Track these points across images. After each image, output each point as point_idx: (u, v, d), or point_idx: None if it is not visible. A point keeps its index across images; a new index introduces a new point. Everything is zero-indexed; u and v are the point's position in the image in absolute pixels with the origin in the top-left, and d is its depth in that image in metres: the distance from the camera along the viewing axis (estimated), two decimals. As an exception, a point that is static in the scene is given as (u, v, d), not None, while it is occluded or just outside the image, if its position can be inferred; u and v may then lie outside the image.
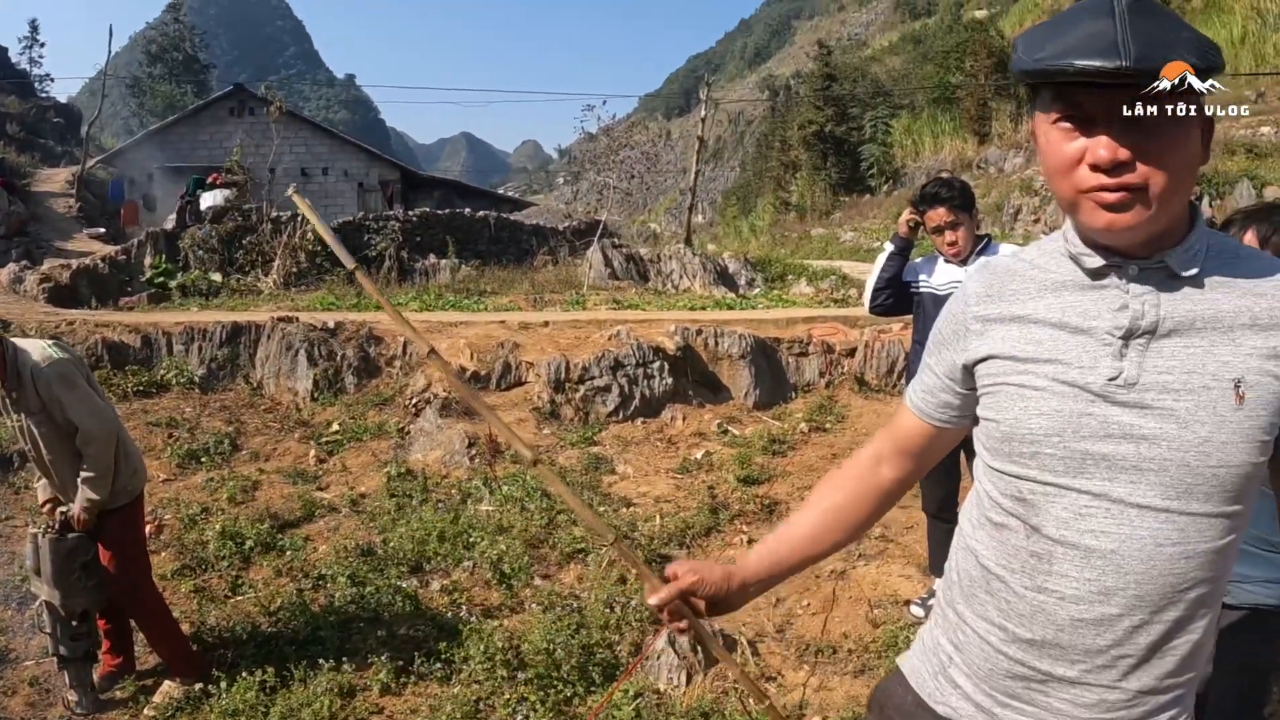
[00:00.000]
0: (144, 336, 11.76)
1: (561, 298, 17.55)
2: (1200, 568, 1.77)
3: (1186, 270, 1.78)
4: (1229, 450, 1.72)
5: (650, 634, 5.74)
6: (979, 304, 2.01)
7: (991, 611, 1.94)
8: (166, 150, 37.90)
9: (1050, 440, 1.82)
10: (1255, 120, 32.28)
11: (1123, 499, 1.77)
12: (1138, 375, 1.76)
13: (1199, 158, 1.75)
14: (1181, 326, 1.77)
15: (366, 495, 8.48)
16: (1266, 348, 1.74)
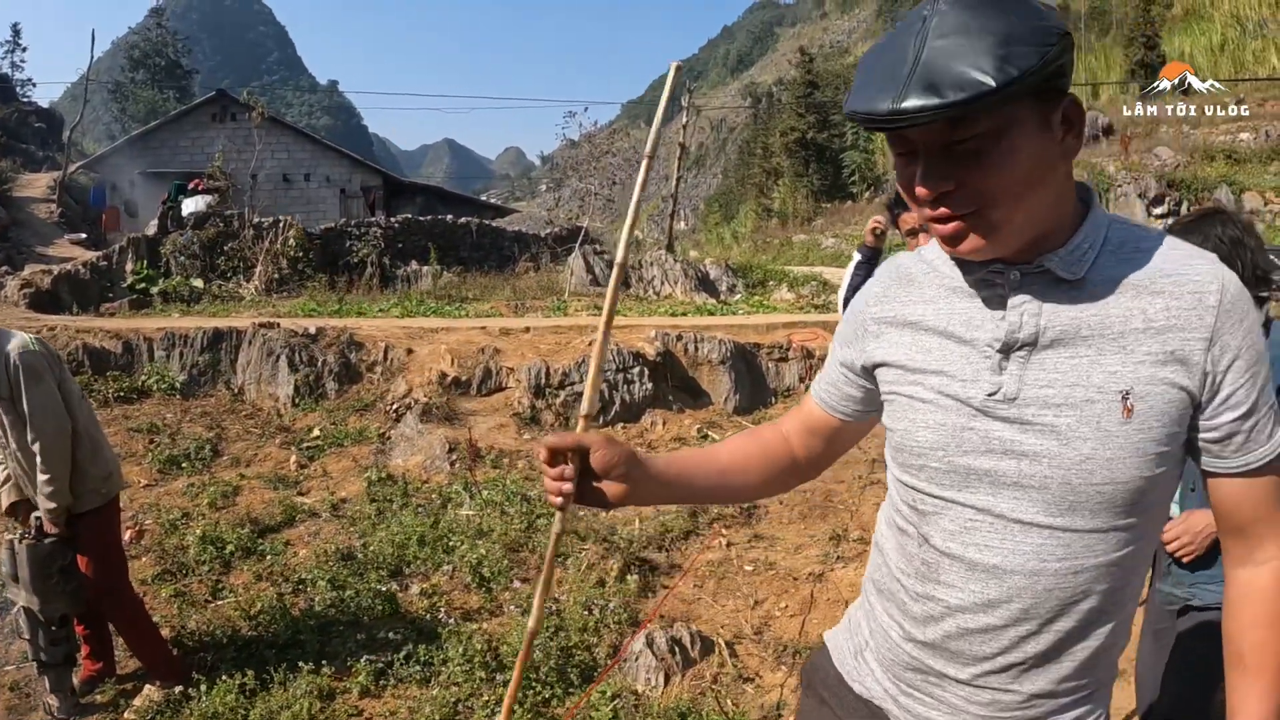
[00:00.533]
0: (125, 342, 11.76)
1: (543, 304, 17.62)
2: (1093, 581, 1.72)
3: (1071, 273, 1.69)
4: (1115, 467, 1.65)
5: (628, 635, 5.77)
6: (877, 305, 1.97)
7: (894, 609, 1.93)
8: (148, 156, 37.86)
9: (935, 454, 1.79)
10: (1234, 126, 32.55)
11: (1005, 515, 1.72)
12: (1018, 390, 1.70)
13: (1052, 157, 1.62)
14: (1065, 336, 1.69)
15: (347, 500, 8.49)
16: (1161, 353, 1.65)
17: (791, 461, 2.20)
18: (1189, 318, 1.64)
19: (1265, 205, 26.18)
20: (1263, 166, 29.10)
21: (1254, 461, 1.71)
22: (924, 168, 1.61)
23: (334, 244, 22.46)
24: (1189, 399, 1.66)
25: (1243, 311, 1.66)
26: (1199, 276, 1.66)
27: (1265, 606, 1.74)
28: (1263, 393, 1.68)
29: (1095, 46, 53.26)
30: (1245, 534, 1.77)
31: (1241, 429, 1.68)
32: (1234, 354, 1.65)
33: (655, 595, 6.61)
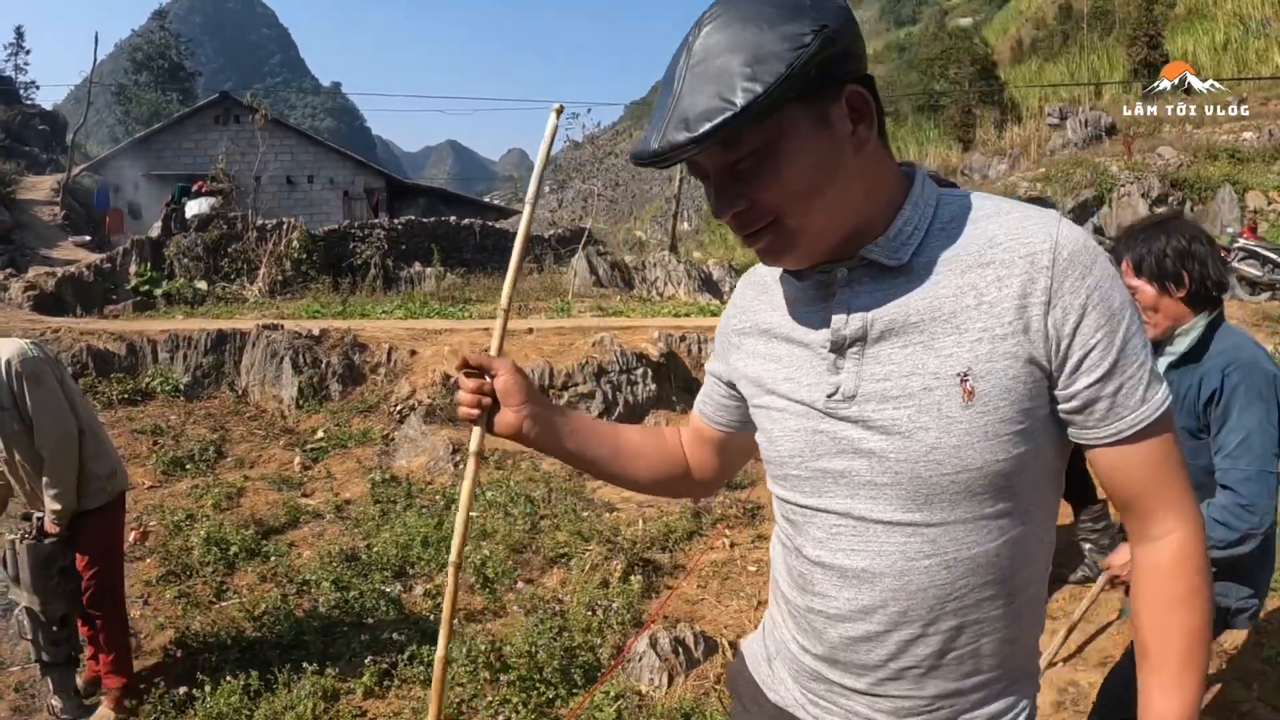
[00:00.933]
0: (129, 344, 11.79)
1: (546, 305, 17.61)
2: (970, 573, 1.63)
3: (895, 259, 1.61)
4: (965, 454, 1.56)
5: (631, 636, 5.77)
6: (736, 317, 1.95)
7: (789, 622, 1.88)
8: (151, 158, 37.90)
9: (794, 461, 1.74)
10: (1238, 126, 32.50)
11: (865, 516, 1.65)
12: (855, 387, 1.63)
13: (840, 152, 1.55)
14: (896, 325, 1.61)
15: (351, 501, 8.50)
16: (997, 326, 1.55)
17: (684, 468, 2.21)
18: (1022, 284, 1.54)
19: (1269, 204, 26.09)
20: (1266, 166, 28.98)
21: (1124, 429, 1.59)
22: (715, 192, 1.60)
23: (337, 246, 22.48)
24: (1037, 370, 1.56)
25: (1084, 265, 1.54)
26: (1030, 238, 1.56)
27: (1163, 586, 1.64)
28: (1124, 352, 1.56)
29: (1098, 46, 53.16)
30: (1134, 509, 1.67)
31: (1102, 394, 1.57)
32: (1078, 313, 1.53)
33: (659, 596, 6.60)
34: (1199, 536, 1.64)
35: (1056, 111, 40.15)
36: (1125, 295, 1.58)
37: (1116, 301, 1.56)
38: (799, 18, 1.47)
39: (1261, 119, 32.65)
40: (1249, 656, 5.58)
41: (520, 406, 1.98)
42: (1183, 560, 1.62)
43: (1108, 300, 1.54)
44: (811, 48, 1.45)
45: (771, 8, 1.48)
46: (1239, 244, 18.45)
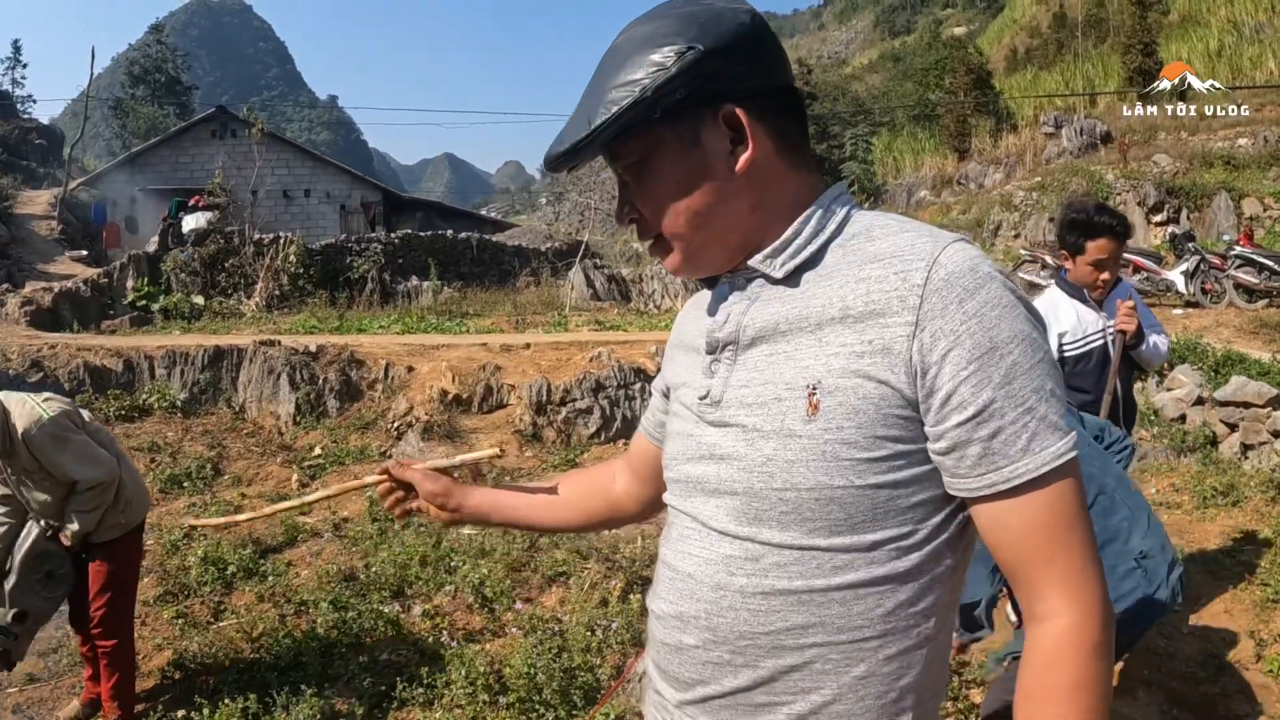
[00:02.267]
0: (126, 360, 11.78)
1: (544, 319, 17.60)
2: (793, 610, 1.49)
3: (780, 271, 1.57)
4: (796, 471, 1.46)
5: (631, 656, 5.75)
6: (674, 331, 1.96)
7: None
8: (149, 172, 37.87)
9: (672, 465, 1.74)
10: (1232, 132, 32.53)
11: (707, 522, 1.59)
12: (721, 392, 1.60)
13: (706, 173, 1.55)
14: (766, 333, 1.56)
15: (349, 520, 8.48)
16: (858, 343, 1.46)
17: (610, 501, 2.24)
18: (889, 300, 1.44)
19: (1265, 210, 26.08)
20: (1261, 172, 28.97)
21: (1000, 482, 1.41)
22: (618, 200, 1.65)
23: (334, 260, 22.46)
24: (898, 397, 1.42)
25: (965, 289, 1.41)
26: (911, 254, 1.46)
27: (1040, 676, 1.43)
28: (1005, 391, 1.39)
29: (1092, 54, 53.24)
30: (1018, 581, 1.47)
31: (974, 437, 1.40)
32: (949, 340, 1.39)
33: (658, 614, 6.58)
34: (1091, 622, 1.42)
35: (1052, 120, 40.13)
36: (1020, 329, 1.42)
37: (1003, 334, 1.40)
38: (674, 41, 1.50)
39: (1256, 125, 32.66)
40: (1250, 672, 5.57)
41: (442, 510, 2.21)
42: (1064, 651, 1.41)
43: (990, 330, 1.40)
44: (670, 71, 1.48)
45: (657, 30, 1.53)
46: (1235, 251, 18.46)
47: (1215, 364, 11.33)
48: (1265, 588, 6.34)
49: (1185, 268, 18.50)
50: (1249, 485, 8.23)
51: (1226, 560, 6.94)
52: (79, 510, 4.89)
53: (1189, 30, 48.37)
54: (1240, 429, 9.96)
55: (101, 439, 5.11)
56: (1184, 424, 10.34)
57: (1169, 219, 27.05)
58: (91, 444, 4.95)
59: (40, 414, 4.80)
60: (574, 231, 29.07)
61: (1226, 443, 10.02)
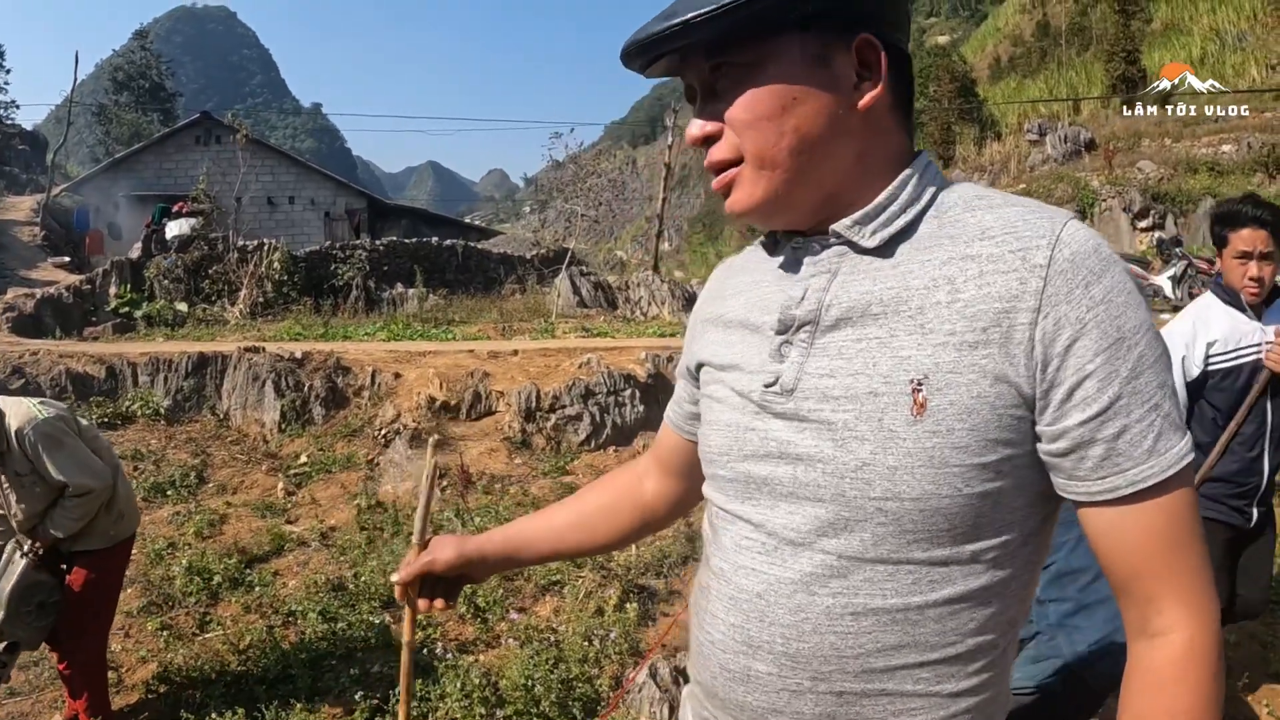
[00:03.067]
0: (109, 367, 11.63)
1: (530, 326, 17.54)
2: (884, 629, 1.35)
3: (871, 240, 1.39)
4: (900, 479, 1.30)
5: (629, 665, 5.66)
6: (703, 303, 1.75)
7: (692, 639, 1.64)
8: (132, 178, 37.74)
9: (722, 460, 1.52)
10: (1216, 139, 32.79)
11: (778, 532, 1.41)
12: (796, 379, 1.40)
13: (824, 103, 1.36)
14: (854, 314, 1.37)
15: (336, 528, 8.36)
16: (970, 331, 1.30)
17: (640, 507, 2.01)
18: (1008, 283, 1.28)
19: (1250, 218, 26.27)
20: (1245, 178, 29.22)
21: (1123, 486, 1.28)
22: (696, 108, 1.45)
23: (319, 267, 22.34)
24: (1013, 394, 1.28)
25: (1091, 271, 1.27)
26: (1029, 231, 1.31)
27: (1156, 697, 1.29)
28: (1132, 386, 1.26)
29: (1076, 62, 53.63)
30: (1132, 592, 1.33)
31: (1098, 436, 1.27)
32: (1074, 328, 1.25)
33: (655, 623, 6.49)
34: (1211, 637, 1.29)
35: (1036, 127, 40.34)
36: (1144, 319, 1.29)
37: (1130, 322, 1.27)
38: None
39: (1240, 131, 32.89)
40: (1258, 674, 5.56)
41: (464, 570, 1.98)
42: (1187, 667, 1.28)
43: (1117, 319, 1.27)
44: None
45: None
46: (1223, 257, 18.53)
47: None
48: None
49: (1172, 272, 18.64)
50: None
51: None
52: (64, 515, 4.77)
53: (1172, 38, 48.81)
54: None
55: (97, 447, 4.99)
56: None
57: (1154, 225, 27.20)
58: (85, 450, 4.84)
59: (35, 414, 4.70)
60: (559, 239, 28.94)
61: (1222, 445, 9.93)
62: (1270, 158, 29.59)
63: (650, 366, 11.74)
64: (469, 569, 1.95)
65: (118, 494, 5.03)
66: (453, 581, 1.99)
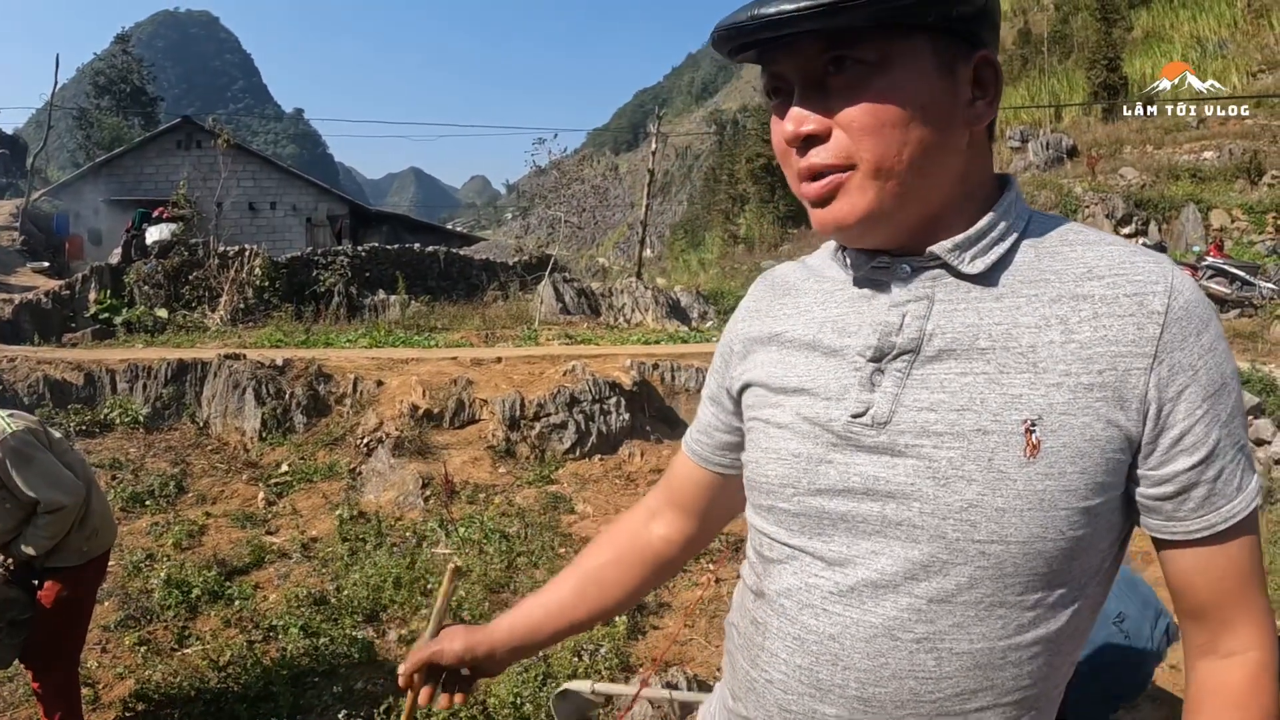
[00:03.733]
0: (87, 374, 11.49)
1: (513, 333, 17.47)
2: (967, 673, 1.31)
3: (972, 266, 1.34)
4: (1008, 521, 1.25)
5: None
6: (746, 321, 1.63)
7: (728, 675, 1.58)
8: (113, 183, 37.52)
9: (784, 492, 1.42)
10: (1198, 145, 33.03)
11: (858, 573, 1.34)
12: (891, 412, 1.33)
13: (945, 113, 1.30)
14: (959, 345, 1.32)
15: (318, 539, 8.25)
16: (1085, 374, 1.27)
17: (650, 557, 1.87)
18: (1125, 328, 1.27)
19: (1233, 222, 26.46)
20: (1227, 184, 29.46)
21: (1219, 523, 1.30)
22: (796, 101, 1.31)
23: (300, 273, 22.22)
24: (1121, 438, 1.27)
25: (1201, 319, 1.28)
26: (1141, 276, 1.29)
27: (1231, 712, 1.32)
28: (1228, 430, 1.28)
29: (1057, 70, 53.81)
30: (1207, 617, 1.35)
31: (1201, 479, 1.28)
32: (1188, 376, 1.26)
33: (644, 636, 6.41)
34: (1276, 654, 1.34)
35: (1018, 134, 40.49)
36: (1234, 365, 1.32)
37: (1228, 370, 1.30)
38: None
39: (1222, 138, 33.09)
40: None
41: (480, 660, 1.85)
42: (1259, 683, 1.32)
43: (1220, 366, 1.29)
44: None
45: None
46: (1206, 262, 18.72)
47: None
48: None
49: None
50: None
51: None
52: (36, 533, 4.63)
53: (1153, 46, 49.05)
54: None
55: (70, 461, 4.84)
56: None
57: (1138, 231, 27.31)
58: (57, 465, 4.69)
59: (4, 428, 4.56)
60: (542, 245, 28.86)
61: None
62: (1251, 164, 29.77)
63: (636, 374, 11.67)
64: (478, 664, 1.84)
65: (91, 510, 4.89)
66: (464, 677, 1.87)
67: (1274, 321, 15.59)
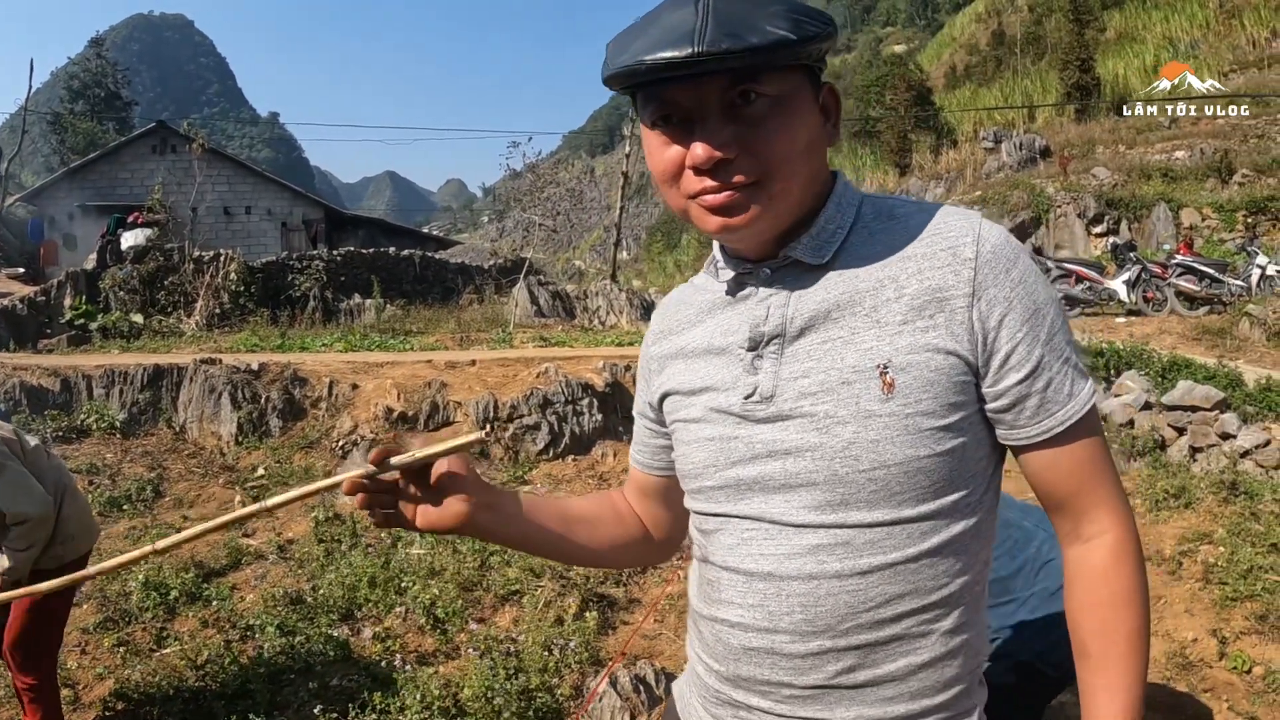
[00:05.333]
0: (63, 380, 11.53)
1: (488, 336, 17.50)
2: (889, 582, 1.53)
3: (817, 258, 1.59)
4: (883, 449, 1.49)
5: (589, 674, 5.67)
6: (656, 343, 1.88)
7: (696, 641, 1.78)
8: (87, 188, 37.35)
9: (708, 472, 1.66)
10: (1169, 145, 33.16)
11: (779, 519, 1.56)
12: (774, 387, 1.58)
13: (820, 135, 1.57)
14: (816, 321, 1.57)
15: (294, 541, 8.33)
16: (919, 318, 1.52)
17: (640, 530, 2.04)
18: (944, 276, 1.52)
19: (1203, 220, 26.59)
20: (1199, 184, 29.57)
21: (1055, 426, 1.55)
22: (705, 130, 1.48)
23: (276, 277, 22.24)
24: (963, 365, 1.51)
25: (1008, 259, 1.53)
26: (953, 232, 1.56)
27: (1101, 587, 1.58)
28: (1050, 346, 1.53)
29: (1030, 71, 54.02)
30: (1066, 509, 1.61)
31: (1031, 391, 1.53)
32: (1004, 306, 1.51)
33: (615, 631, 6.51)
34: (1133, 534, 1.61)
35: (991, 135, 40.58)
36: (1051, 293, 1.57)
37: (1041, 297, 1.54)
38: (817, 12, 1.50)
39: (1193, 138, 33.26)
40: (1215, 669, 5.66)
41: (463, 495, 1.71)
42: (1119, 559, 1.58)
43: (1032, 295, 1.53)
44: (830, 30, 1.50)
45: None
46: (1176, 260, 18.85)
47: (1161, 369, 11.56)
48: (1224, 586, 6.54)
49: (1127, 277, 18.84)
50: (1200, 487, 8.45)
51: (1184, 561, 7.08)
52: (10, 547, 4.68)
53: (1125, 46, 49.26)
54: (1188, 432, 10.22)
55: (40, 469, 4.84)
56: (1132, 429, 10.48)
57: (1109, 230, 27.44)
58: (27, 476, 4.70)
59: None
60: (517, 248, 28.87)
61: (1175, 446, 10.24)
62: (1222, 163, 29.94)
63: (608, 375, 11.77)
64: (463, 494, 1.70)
65: (64, 517, 4.90)
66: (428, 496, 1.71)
67: (1242, 318, 15.75)
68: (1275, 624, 6.06)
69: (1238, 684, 5.57)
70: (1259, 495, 8.08)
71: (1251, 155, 30.71)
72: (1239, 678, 5.62)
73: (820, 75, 1.59)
